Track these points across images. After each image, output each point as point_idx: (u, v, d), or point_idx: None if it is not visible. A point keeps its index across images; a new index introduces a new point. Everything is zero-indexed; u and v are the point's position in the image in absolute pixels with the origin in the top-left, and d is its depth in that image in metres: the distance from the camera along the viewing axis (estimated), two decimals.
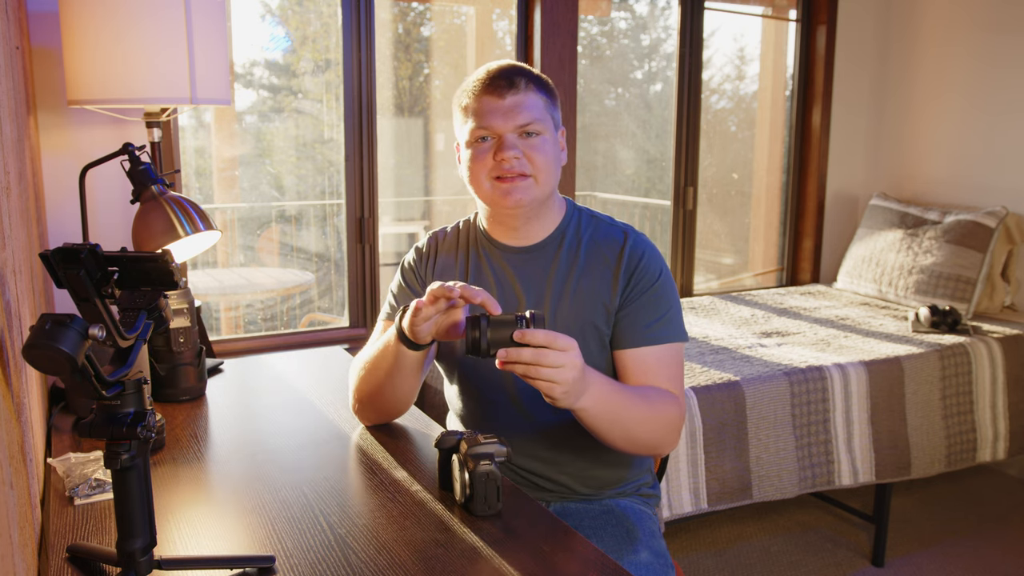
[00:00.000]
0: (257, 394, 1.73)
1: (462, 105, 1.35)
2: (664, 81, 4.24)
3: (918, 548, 2.62)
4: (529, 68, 1.36)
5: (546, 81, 1.36)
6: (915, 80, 3.51)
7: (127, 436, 0.85)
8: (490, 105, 1.30)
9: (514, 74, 1.31)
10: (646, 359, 1.34)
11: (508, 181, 1.31)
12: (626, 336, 1.35)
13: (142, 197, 1.63)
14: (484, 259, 1.43)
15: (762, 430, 2.26)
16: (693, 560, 2.54)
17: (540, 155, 1.31)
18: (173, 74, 1.68)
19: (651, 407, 1.27)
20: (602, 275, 1.36)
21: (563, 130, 1.40)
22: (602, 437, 1.25)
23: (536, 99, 1.31)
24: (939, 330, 2.77)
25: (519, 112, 1.29)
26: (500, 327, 1.12)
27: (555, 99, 1.37)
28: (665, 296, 1.36)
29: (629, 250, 1.37)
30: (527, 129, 1.30)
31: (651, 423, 1.27)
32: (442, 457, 1.19)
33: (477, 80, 1.33)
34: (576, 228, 1.41)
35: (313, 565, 0.99)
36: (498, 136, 1.30)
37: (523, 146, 1.30)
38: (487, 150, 1.32)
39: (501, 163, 1.30)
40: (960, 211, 3.15)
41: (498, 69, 1.33)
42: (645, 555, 1.31)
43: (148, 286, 0.87)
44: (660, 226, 4.28)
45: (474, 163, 1.33)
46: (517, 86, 1.30)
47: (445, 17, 4.32)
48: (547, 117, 1.33)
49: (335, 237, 4.12)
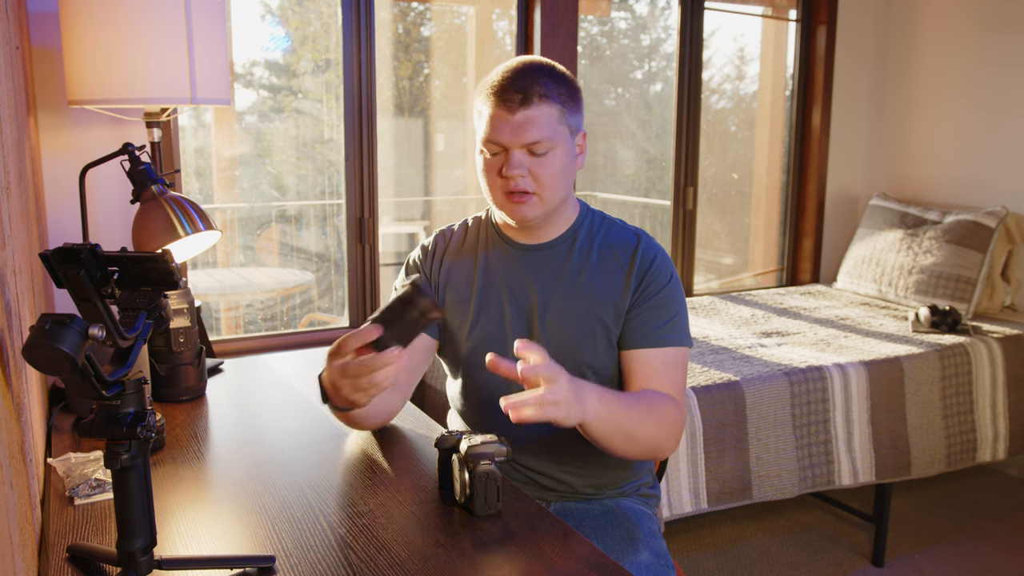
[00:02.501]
0: (257, 394, 1.73)
1: (478, 108, 1.33)
2: (664, 81, 4.24)
3: (918, 548, 2.62)
4: (550, 68, 1.31)
5: (568, 84, 1.31)
6: (915, 80, 3.51)
7: (127, 436, 0.85)
8: (500, 119, 1.28)
9: (529, 84, 1.27)
10: (652, 361, 1.35)
11: (515, 200, 1.31)
12: (634, 337, 1.35)
13: (142, 197, 1.63)
14: (495, 258, 1.43)
15: (762, 430, 2.26)
16: (693, 560, 2.54)
17: (547, 172, 1.30)
18: (173, 74, 1.68)
19: (651, 411, 1.27)
20: (614, 275, 1.37)
21: (583, 132, 1.37)
22: (606, 446, 1.24)
23: (549, 112, 1.28)
24: (939, 330, 2.77)
25: (528, 130, 1.27)
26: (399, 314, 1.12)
27: (575, 104, 1.32)
28: (674, 300, 1.37)
29: (642, 252, 1.38)
30: (535, 149, 1.28)
31: (652, 427, 1.27)
32: (442, 457, 1.19)
33: (493, 83, 1.30)
34: (589, 229, 1.42)
35: (313, 565, 0.99)
36: (506, 150, 1.29)
37: (530, 163, 1.29)
38: (496, 164, 1.31)
39: (507, 180, 1.30)
40: (960, 211, 3.15)
41: (513, 75, 1.28)
42: (645, 555, 1.31)
43: (148, 286, 0.87)
44: (660, 226, 4.28)
45: (486, 172, 1.34)
46: (530, 101, 1.26)
47: (445, 17, 4.32)
48: (560, 129, 1.30)
49: (335, 237, 4.13)
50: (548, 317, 1.38)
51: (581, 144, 1.37)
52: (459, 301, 1.43)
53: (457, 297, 1.44)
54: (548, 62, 1.33)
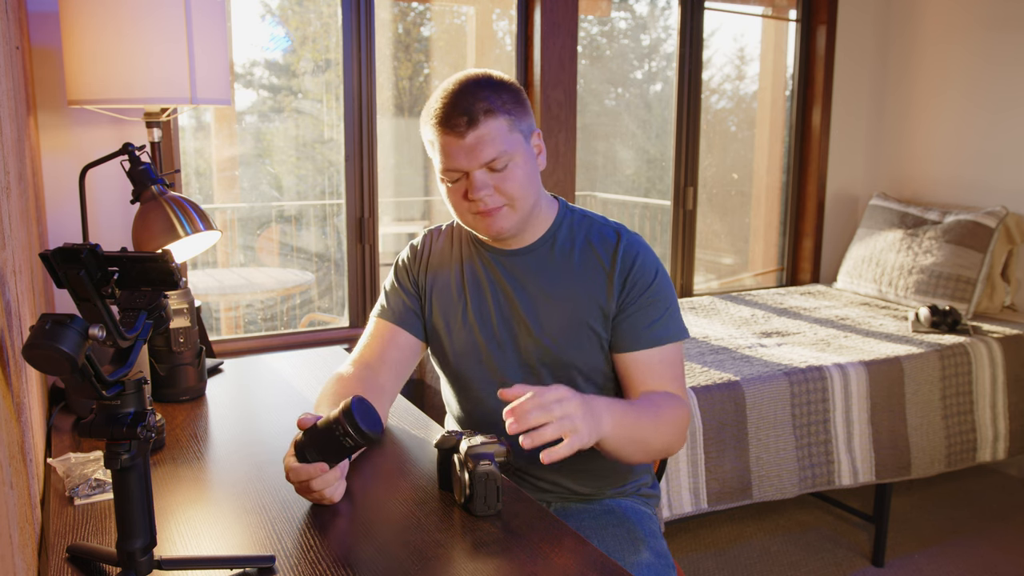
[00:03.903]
0: (257, 394, 1.73)
1: (427, 139, 1.30)
2: (664, 81, 4.24)
3: (918, 548, 2.62)
4: (487, 79, 1.28)
5: (508, 90, 1.28)
6: (915, 80, 3.51)
7: (127, 436, 0.85)
8: (452, 145, 1.25)
9: (471, 104, 1.24)
10: (649, 361, 1.34)
11: (487, 216, 1.30)
12: (627, 339, 1.34)
13: (142, 197, 1.63)
14: (478, 262, 1.42)
15: (762, 430, 2.26)
16: (693, 560, 2.54)
17: (511, 184, 1.28)
18: (173, 74, 1.68)
19: (660, 415, 1.27)
20: (596, 277, 1.36)
21: (538, 131, 1.35)
22: (621, 457, 1.23)
23: (498, 125, 1.25)
24: (939, 330, 2.77)
25: (482, 149, 1.25)
26: (321, 433, 1.09)
27: (521, 108, 1.29)
28: (663, 296, 1.35)
29: (623, 252, 1.35)
30: (494, 166, 1.26)
31: (666, 432, 1.27)
32: (442, 457, 1.19)
33: (435, 114, 1.27)
34: (569, 229, 1.40)
35: (313, 565, 0.99)
36: (466, 173, 1.28)
37: (493, 179, 1.27)
38: (460, 189, 1.29)
39: (475, 203, 1.29)
40: (960, 211, 3.15)
41: (453, 99, 1.25)
42: (646, 555, 1.31)
43: (148, 286, 0.87)
44: (660, 226, 4.28)
45: (452, 199, 1.32)
46: (476, 121, 1.23)
47: (445, 17, 4.32)
48: (514, 138, 1.27)
49: (335, 237, 4.13)
50: (534, 322, 1.37)
51: (538, 144, 1.34)
52: (446, 305, 1.43)
53: (443, 301, 1.43)
54: (483, 73, 1.30)
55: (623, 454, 1.22)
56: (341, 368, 1.41)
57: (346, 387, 1.34)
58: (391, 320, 1.45)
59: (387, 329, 1.44)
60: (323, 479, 1.10)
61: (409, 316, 1.45)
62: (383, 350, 1.42)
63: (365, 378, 1.37)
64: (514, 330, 1.38)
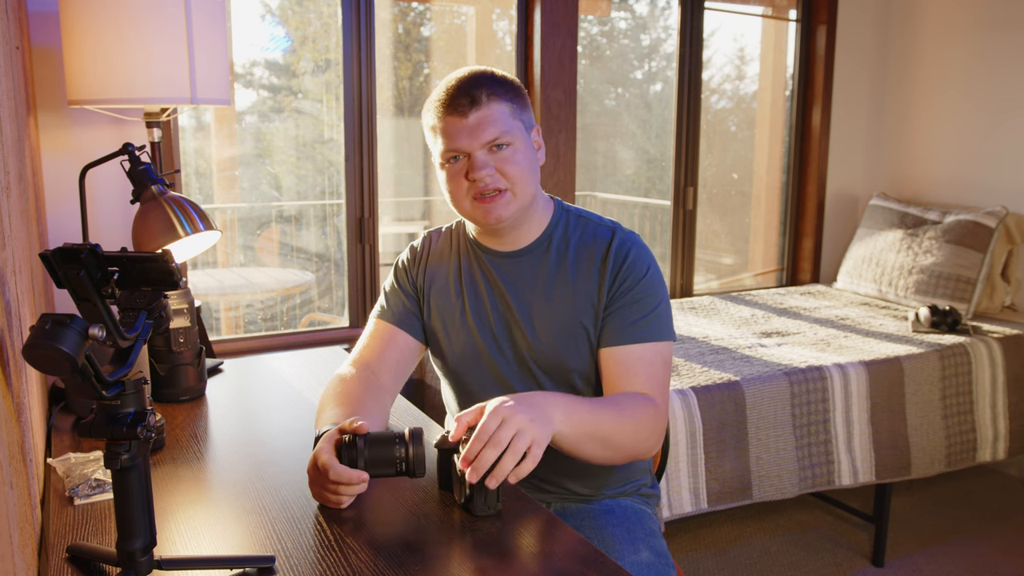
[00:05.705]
0: (257, 394, 1.73)
1: (430, 125, 1.32)
2: (664, 81, 4.24)
3: (918, 548, 2.62)
4: (491, 73, 1.32)
5: (510, 84, 1.32)
6: (915, 80, 3.51)
7: (127, 436, 0.85)
8: (455, 125, 1.28)
9: (474, 87, 1.27)
10: (627, 358, 1.31)
11: (487, 200, 1.30)
12: (609, 334, 1.33)
13: (142, 197, 1.63)
14: (475, 265, 1.42)
15: (762, 430, 2.26)
16: (693, 560, 2.54)
17: (512, 167, 1.29)
18: (173, 74, 1.68)
19: (622, 412, 1.23)
20: (589, 275, 1.35)
21: (537, 127, 1.37)
22: (581, 454, 1.20)
23: (501, 108, 1.28)
24: (939, 330, 2.77)
25: (485, 128, 1.27)
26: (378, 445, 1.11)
27: (522, 101, 1.33)
28: (652, 294, 1.33)
29: (616, 248, 1.35)
30: (496, 143, 1.28)
31: (629, 429, 1.24)
32: (442, 457, 1.19)
33: (439, 99, 1.30)
34: (564, 230, 1.40)
35: (313, 565, 0.99)
36: (468, 155, 1.29)
37: (495, 160, 1.28)
38: (460, 170, 1.30)
39: (475, 183, 1.29)
40: (960, 211, 3.15)
41: (457, 85, 1.29)
42: (646, 555, 1.31)
43: (148, 286, 0.87)
44: (660, 226, 4.28)
45: (451, 184, 1.32)
46: (479, 101, 1.27)
47: (445, 17, 4.32)
48: (515, 124, 1.30)
49: (335, 237, 4.13)
50: (528, 326, 1.36)
51: (538, 140, 1.36)
52: (444, 307, 1.43)
53: (441, 303, 1.43)
54: (488, 68, 1.34)
55: (584, 451, 1.19)
56: (341, 369, 1.41)
57: (350, 388, 1.34)
58: (391, 321, 1.45)
59: (387, 330, 1.44)
60: (355, 488, 1.09)
61: (408, 317, 1.45)
62: (383, 351, 1.43)
63: (367, 379, 1.37)
64: (511, 333, 1.38)
